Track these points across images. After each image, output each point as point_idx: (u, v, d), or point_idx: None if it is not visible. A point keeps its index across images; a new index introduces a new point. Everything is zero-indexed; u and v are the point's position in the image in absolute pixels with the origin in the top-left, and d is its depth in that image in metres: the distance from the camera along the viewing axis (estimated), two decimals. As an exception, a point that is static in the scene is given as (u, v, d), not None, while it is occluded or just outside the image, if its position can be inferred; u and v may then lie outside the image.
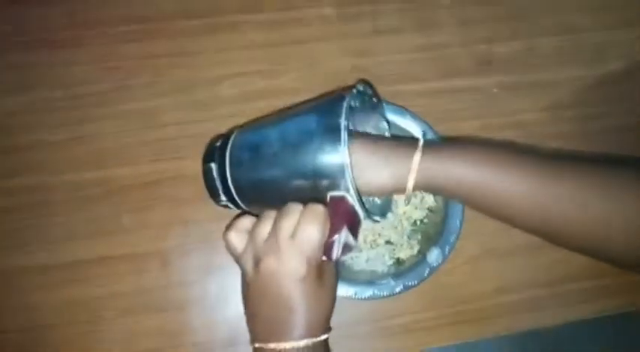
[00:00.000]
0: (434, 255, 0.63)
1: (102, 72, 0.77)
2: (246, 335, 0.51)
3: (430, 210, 0.69)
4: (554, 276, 0.71)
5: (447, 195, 0.53)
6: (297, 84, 0.78)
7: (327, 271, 0.48)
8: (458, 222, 0.64)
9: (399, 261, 0.67)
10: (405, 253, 0.67)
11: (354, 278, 0.64)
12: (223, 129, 0.74)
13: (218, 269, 0.70)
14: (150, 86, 0.76)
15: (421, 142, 0.47)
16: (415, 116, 0.68)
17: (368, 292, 0.62)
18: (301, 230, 0.44)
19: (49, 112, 0.74)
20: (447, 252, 0.63)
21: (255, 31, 0.80)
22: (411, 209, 0.68)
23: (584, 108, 0.81)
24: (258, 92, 0.77)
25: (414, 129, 0.67)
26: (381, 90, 0.73)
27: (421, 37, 0.82)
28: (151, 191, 0.72)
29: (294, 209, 0.46)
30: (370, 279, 0.64)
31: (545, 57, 0.82)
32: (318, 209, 0.45)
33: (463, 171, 0.45)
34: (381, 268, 0.67)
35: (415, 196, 0.68)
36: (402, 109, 0.68)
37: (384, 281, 0.63)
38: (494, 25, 0.83)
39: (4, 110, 0.74)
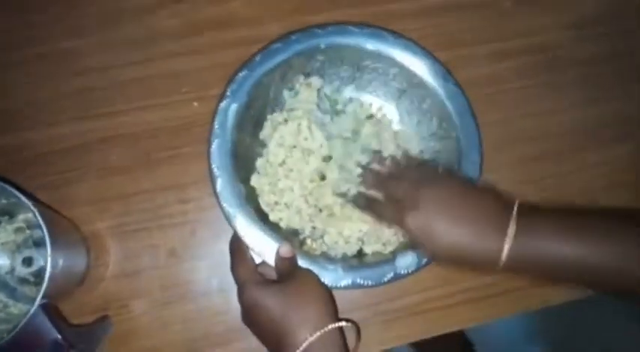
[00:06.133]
0: (406, 261, 0.51)
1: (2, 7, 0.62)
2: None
3: None
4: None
5: (535, 275, 0.46)
6: (253, 10, 0.64)
7: (294, 278, 0.48)
8: None
9: (360, 254, 0.56)
10: (372, 248, 0.55)
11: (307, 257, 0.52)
12: (165, 72, 0.61)
13: (172, 256, 0.58)
14: (63, 20, 0.62)
15: (515, 210, 0.42)
16: (413, 46, 0.56)
17: None
18: None
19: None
20: (423, 263, 0.51)
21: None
22: None
23: (618, 22, 0.69)
24: (204, 22, 0.63)
25: (417, 65, 0.56)
26: (369, 11, 0.65)
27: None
28: (74, 158, 0.59)
29: None
30: (322, 262, 0.52)
31: (569, -41, 0.70)
32: None
33: (560, 248, 0.41)
34: (334, 253, 0.55)
35: None
36: (401, 39, 0.57)
37: (331, 267, 0.51)
38: None
39: None
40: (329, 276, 0.51)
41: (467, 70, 0.59)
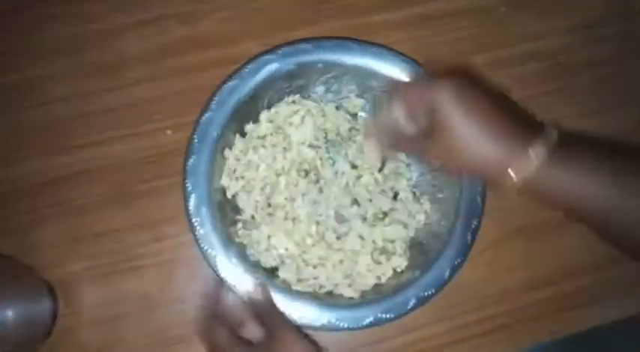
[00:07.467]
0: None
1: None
2: None
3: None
4: (602, 258, 0.56)
5: (551, 204, 0.42)
6: (227, 28, 0.59)
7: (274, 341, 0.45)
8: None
9: (273, 271, 0.52)
10: (285, 275, 0.52)
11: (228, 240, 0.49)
12: (134, 100, 0.57)
13: (149, 300, 0.53)
14: (24, 50, 0.57)
15: (552, 133, 0.39)
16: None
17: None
18: None
19: None
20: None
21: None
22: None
23: (619, 24, 0.64)
24: (175, 44, 0.58)
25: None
26: (350, 24, 0.61)
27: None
28: (37, 198, 0.54)
29: None
30: (236, 252, 0.49)
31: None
32: None
33: (592, 184, 0.39)
34: (251, 251, 0.52)
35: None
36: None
37: (235, 260, 0.48)
38: None
39: None
40: (231, 268, 0.48)
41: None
